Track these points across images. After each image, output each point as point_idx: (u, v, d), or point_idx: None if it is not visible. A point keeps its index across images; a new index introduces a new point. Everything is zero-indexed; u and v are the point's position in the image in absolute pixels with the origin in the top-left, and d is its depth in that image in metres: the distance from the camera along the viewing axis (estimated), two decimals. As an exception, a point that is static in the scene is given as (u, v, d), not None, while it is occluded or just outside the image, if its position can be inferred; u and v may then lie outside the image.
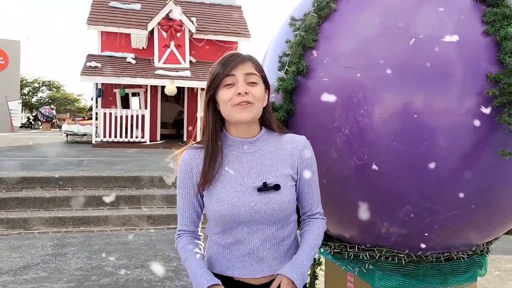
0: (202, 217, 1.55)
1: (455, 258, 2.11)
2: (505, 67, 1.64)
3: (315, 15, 1.95)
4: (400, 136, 1.72)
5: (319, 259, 3.43)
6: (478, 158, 1.72)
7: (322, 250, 2.55)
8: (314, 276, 3.56)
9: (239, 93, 1.38)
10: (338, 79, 1.85)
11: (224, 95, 1.41)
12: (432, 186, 1.75)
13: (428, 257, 2.05)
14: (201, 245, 1.53)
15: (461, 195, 1.77)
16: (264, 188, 1.39)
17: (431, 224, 1.85)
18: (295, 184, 1.49)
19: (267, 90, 1.50)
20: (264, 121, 1.52)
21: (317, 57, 1.93)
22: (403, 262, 2.04)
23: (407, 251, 2.02)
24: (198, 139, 1.56)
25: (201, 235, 1.55)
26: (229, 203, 1.39)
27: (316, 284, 3.53)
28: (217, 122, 1.48)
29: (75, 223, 6.31)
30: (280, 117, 1.94)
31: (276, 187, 1.40)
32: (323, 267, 3.28)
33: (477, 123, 1.69)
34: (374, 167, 1.77)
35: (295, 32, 2.00)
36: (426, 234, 1.90)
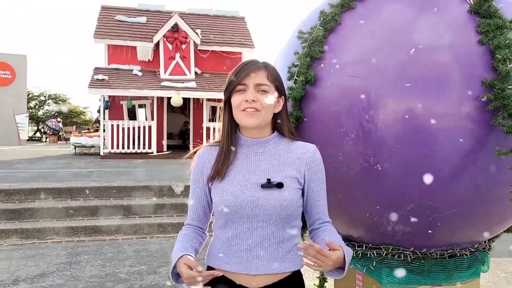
0: (210, 217, 1.62)
1: (458, 255, 2.22)
2: (498, 74, 1.77)
3: (321, 28, 2.09)
4: (402, 139, 1.85)
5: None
6: (476, 158, 1.84)
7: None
8: (323, 279, 3.67)
9: (247, 100, 1.47)
10: (344, 87, 1.98)
11: (235, 100, 1.50)
12: (434, 185, 1.87)
13: (432, 254, 2.16)
14: (200, 241, 1.59)
15: (461, 193, 1.90)
16: (268, 184, 1.45)
17: (434, 222, 1.97)
18: (302, 190, 1.54)
19: (283, 97, 1.58)
20: (276, 126, 1.59)
21: (323, 67, 2.07)
22: (409, 259, 2.16)
23: (412, 248, 2.14)
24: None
25: (205, 233, 1.62)
26: (233, 195, 1.46)
27: (325, 286, 3.64)
28: (231, 123, 1.56)
29: (87, 232, 6.45)
30: (290, 123, 2.07)
31: (279, 185, 1.45)
32: (332, 269, 3.39)
33: (474, 126, 1.82)
34: (379, 168, 1.90)
35: (303, 44, 2.14)
36: (430, 231, 2.01)
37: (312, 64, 2.09)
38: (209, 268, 1.54)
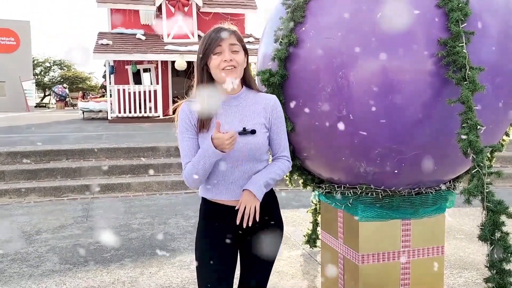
0: None
1: (424, 192, 2.57)
2: (451, 33, 2.06)
3: (302, -5, 2.36)
4: (370, 91, 2.16)
5: (319, 209, 3.93)
6: (432, 107, 2.16)
7: (316, 192, 3.03)
8: (316, 224, 4.07)
9: (225, 60, 1.79)
10: (321, 47, 2.28)
11: (214, 62, 1.81)
12: (397, 131, 2.20)
13: (400, 192, 2.51)
14: None
15: (421, 138, 2.22)
16: (244, 132, 1.81)
17: (399, 163, 2.31)
18: (267, 132, 1.89)
19: (246, 55, 1.90)
20: (245, 80, 1.92)
21: (305, 30, 2.35)
22: (380, 196, 2.51)
23: (383, 186, 2.48)
24: None
25: None
26: None
27: (318, 230, 4.04)
28: (209, 82, 1.87)
29: (100, 190, 6.89)
30: (276, 81, 2.39)
31: (253, 132, 1.82)
32: (322, 214, 3.77)
33: (431, 79, 2.12)
34: (351, 117, 2.22)
35: (287, 10, 2.42)
36: (396, 171, 2.35)
37: (294, 28, 2.38)
38: (204, 199, 1.94)
